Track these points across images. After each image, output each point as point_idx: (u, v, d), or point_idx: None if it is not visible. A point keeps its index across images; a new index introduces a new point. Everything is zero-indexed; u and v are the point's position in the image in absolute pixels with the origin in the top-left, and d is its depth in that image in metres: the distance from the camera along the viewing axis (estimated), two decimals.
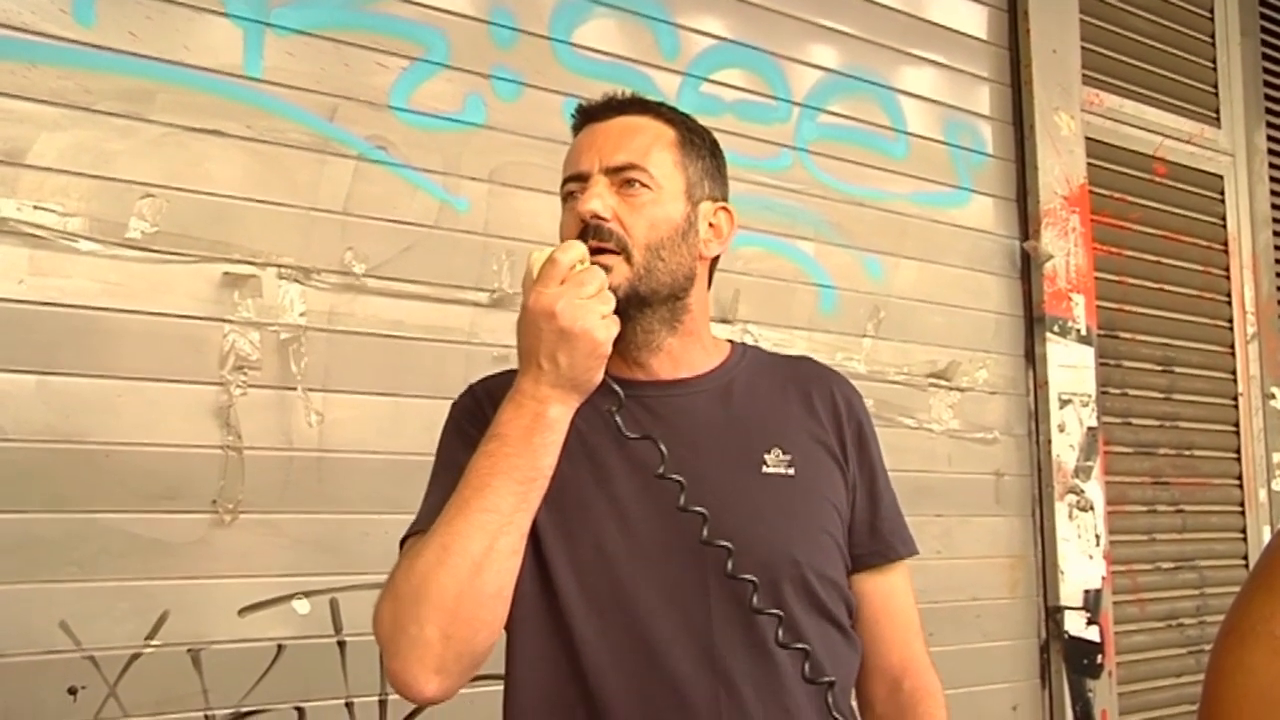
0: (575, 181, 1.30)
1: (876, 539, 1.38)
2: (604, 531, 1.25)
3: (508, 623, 1.21)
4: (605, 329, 1.16)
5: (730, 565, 1.20)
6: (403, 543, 1.25)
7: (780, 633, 1.22)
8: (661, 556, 1.24)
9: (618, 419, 1.23)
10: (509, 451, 1.15)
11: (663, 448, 1.22)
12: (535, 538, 1.22)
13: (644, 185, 1.27)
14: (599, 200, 1.25)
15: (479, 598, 1.13)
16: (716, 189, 1.36)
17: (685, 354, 1.34)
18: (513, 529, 1.15)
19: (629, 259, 1.25)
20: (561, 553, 1.24)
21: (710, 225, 1.34)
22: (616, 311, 1.19)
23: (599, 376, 1.18)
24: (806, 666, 1.23)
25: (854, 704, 1.39)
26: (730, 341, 1.43)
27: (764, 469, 1.30)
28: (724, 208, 1.37)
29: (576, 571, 1.24)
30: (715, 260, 1.38)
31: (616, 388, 1.23)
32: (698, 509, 1.20)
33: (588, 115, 1.35)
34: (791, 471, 1.31)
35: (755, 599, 1.21)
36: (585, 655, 1.22)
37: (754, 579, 1.20)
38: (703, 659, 1.22)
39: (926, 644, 1.43)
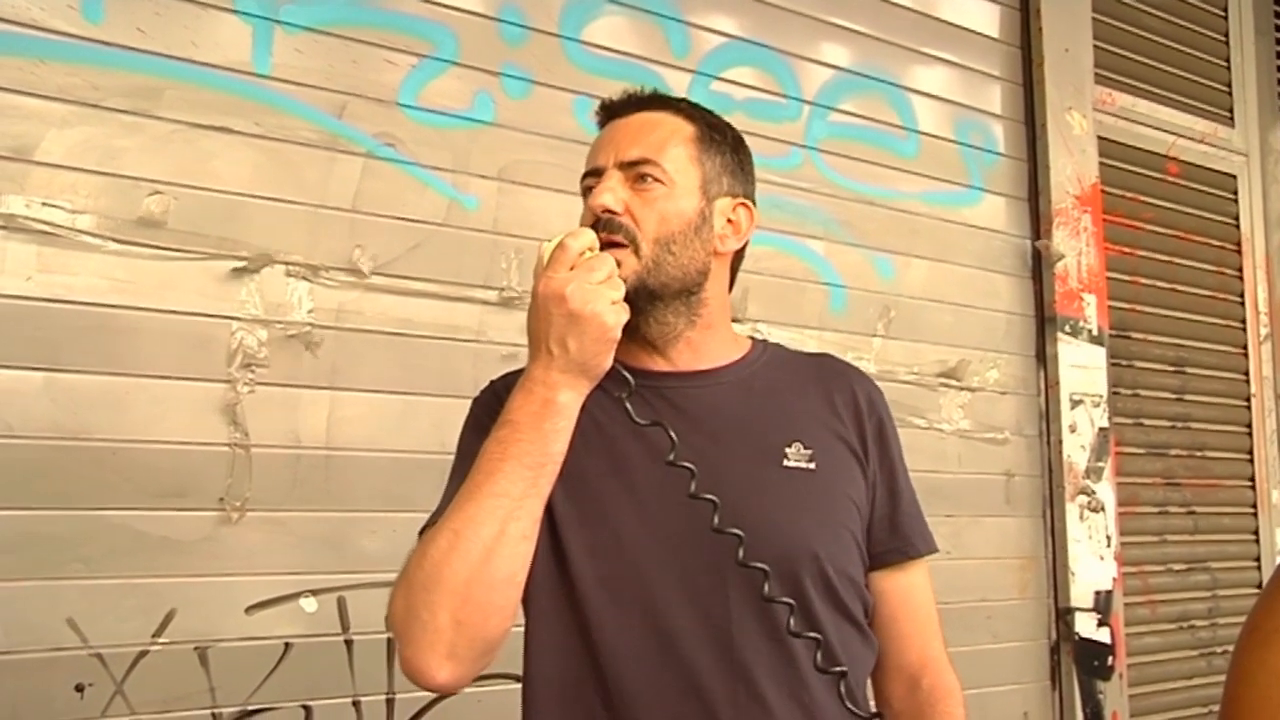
0: (592, 176, 1.31)
1: (897, 536, 1.38)
2: (621, 520, 1.25)
3: (525, 614, 1.22)
4: (615, 314, 1.17)
5: (741, 553, 1.19)
6: (421, 534, 1.25)
7: (791, 621, 1.21)
8: (679, 545, 1.23)
9: (628, 405, 1.23)
10: (519, 437, 1.15)
11: (672, 434, 1.21)
12: (552, 526, 1.23)
13: (656, 180, 1.28)
14: (610, 194, 1.26)
15: (490, 583, 1.13)
16: (737, 185, 1.36)
17: (705, 346, 1.34)
18: (523, 514, 1.15)
19: (637, 252, 1.25)
20: (578, 541, 1.24)
21: (729, 221, 1.34)
22: (627, 302, 1.20)
23: (608, 362, 1.19)
24: (818, 656, 1.22)
25: (870, 700, 1.38)
26: (751, 337, 1.43)
27: (785, 463, 1.29)
28: (744, 204, 1.36)
29: (594, 561, 1.24)
30: (739, 255, 1.38)
31: (627, 374, 1.23)
32: (708, 496, 1.19)
33: (609, 111, 1.37)
34: (812, 466, 1.30)
35: (767, 587, 1.20)
36: (603, 646, 1.22)
37: (765, 567, 1.20)
38: (721, 650, 1.22)
39: (945, 642, 1.42)
